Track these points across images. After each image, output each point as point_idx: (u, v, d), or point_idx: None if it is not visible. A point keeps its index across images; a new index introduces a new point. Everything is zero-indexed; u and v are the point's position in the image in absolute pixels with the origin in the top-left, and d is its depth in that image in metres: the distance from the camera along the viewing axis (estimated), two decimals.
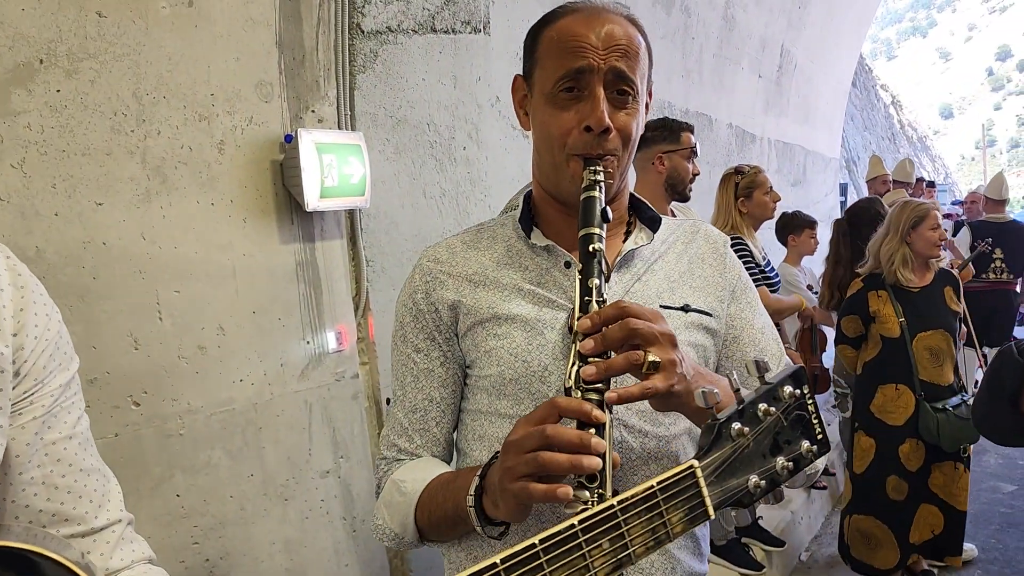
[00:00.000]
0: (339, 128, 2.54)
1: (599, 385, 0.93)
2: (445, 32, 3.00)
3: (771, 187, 3.82)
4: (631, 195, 1.34)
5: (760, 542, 3.94)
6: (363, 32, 2.66)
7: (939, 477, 3.57)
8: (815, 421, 0.89)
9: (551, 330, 1.18)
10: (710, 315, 1.26)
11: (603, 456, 0.85)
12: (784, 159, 7.78)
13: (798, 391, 0.87)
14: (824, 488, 5.06)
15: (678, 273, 1.28)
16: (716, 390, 0.83)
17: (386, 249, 2.80)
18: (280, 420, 2.35)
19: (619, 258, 1.24)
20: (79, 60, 1.83)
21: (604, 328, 0.95)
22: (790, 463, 0.85)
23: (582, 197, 1.12)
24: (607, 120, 1.12)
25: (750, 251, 3.70)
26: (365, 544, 2.63)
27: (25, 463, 0.83)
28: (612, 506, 0.72)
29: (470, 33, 3.12)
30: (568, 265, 1.22)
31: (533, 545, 0.66)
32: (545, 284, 1.22)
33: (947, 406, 3.48)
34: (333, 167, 2.36)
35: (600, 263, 1.05)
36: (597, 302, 1.01)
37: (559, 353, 1.17)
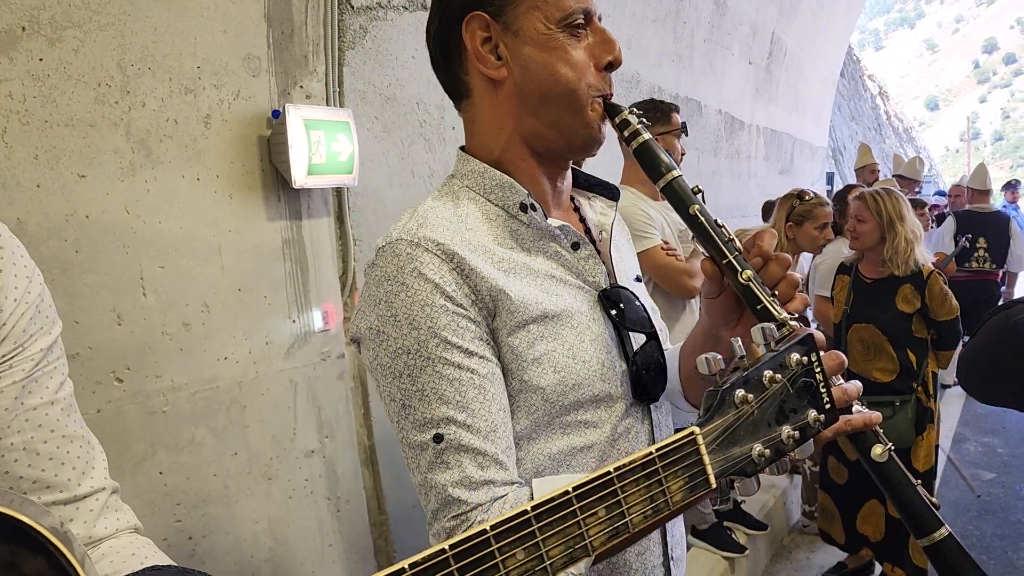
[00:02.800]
0: (327, 104, 2.51)
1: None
2: None
3: (827, 224, 3.77)
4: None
5: (743, 526, 3.96)
6: (353, 7, 2.62)
7: None
8: (823, 390, 0.86)
9: (595, 321, 1.08)
10: (643, 282, 1.30)
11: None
12: (772, 147, 7.78)
13: (805, 359, 0.85)
14: None
15: (616, 243, 1.25)
16: (719, 356, 0.82)
17: (374, 228, 2.78)
18: (265, 399, 2.33)
19: (609, 235, 1.20)
20: (63, 28, 1.79)
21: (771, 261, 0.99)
22: (796, 432, 0.83)
23: (636, 145, 1.04)
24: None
25: None
26: (349, 523, 2.62)
27: (4, 428, 0.81)
28: (608, 472, 0.70)
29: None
30: (576, 247, 1.11)
31: (525, 512, 0.64)
32: (562, 270, 1.09)
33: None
34: (321, 144, 2.33)
35: (703, 199, 1.03)
36: (731, 240, 0.99)
37: (610, 344, 1.08)
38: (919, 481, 1.00)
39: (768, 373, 0.81)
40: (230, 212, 2.22)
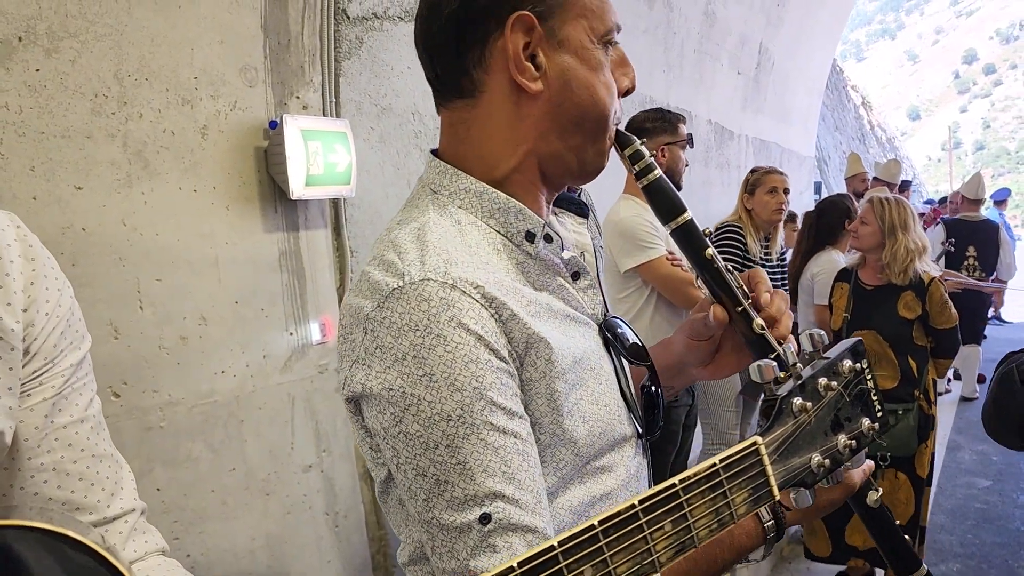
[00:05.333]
0: (324, 115, 2.49)
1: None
2: None
3: (778, 189, 3.81)
4: None
5: None
6: (349, 18, 2.61)
7: (884, 484, 3.46)
8: (875, 397, 0.85)
9: (604, 359, 0.99)
10: None
11: None
12: (761, 157, 7.81)
13: (858, 365, 0.83)
14: None
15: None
16: (774, 363, 0.80)
17: (370, 240, 2.75)
18: (262, 413, 2.30)
19: (595, 257, 1.14)
20: (59, 39, 1.77)
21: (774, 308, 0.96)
22: (852, 441, 0.81)
23: (647, 182, 0.97)
24: None
25: (741, 241, 3.72)
26: (348, 539, 2.59)
27: (34, 448, 0.78)
28: (674, 485, 0.67)
29: None
30: (576, 276, 1.00)
31: (592, 527, 0.62)
32: (564, 304, 0.97)
33: None
34: (318, 155, 2.31)
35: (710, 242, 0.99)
36: (741, 287, 0.97)
37: (615, 381, 1.00)
38: (900, 522, 1.03)
39: (823, 380, 0.80)
40: (227, 224, 2.19)
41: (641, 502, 0.65)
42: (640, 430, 1.03)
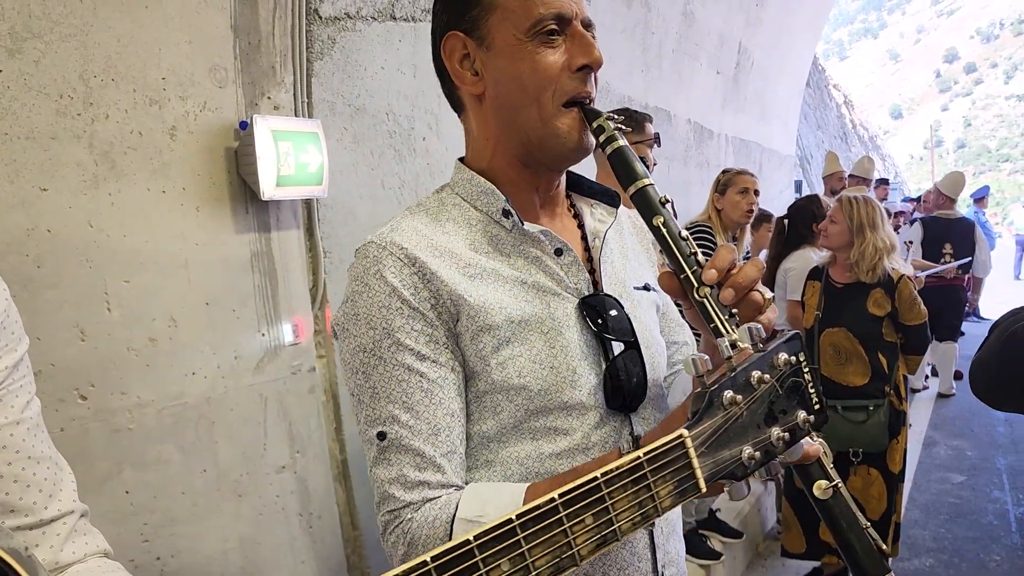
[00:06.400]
0: (296, 116, 2.48)
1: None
2: (405, 20, 2.95)
3: (749, 190, 3.82)
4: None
5: (718, 534, 3.97)
6: (321, 18, 2.60)
7: (856, 481, 3.49)
8: (812, 390, 0.85)
9: (568, 328, 1.07)
10: (656, 291, 1.27)
11: None
12: (741, 156, 7.85)
13: (793, 358, 0.83)
14: None
15: (621, 249, 1.25)
16: (707, 357, 0.80)
17: (343, 240, 2.75)
18: (234, 414, 2.29)
19: (601, 241, 1.18)
20: (23, 39, 1.76)
21: (730, 277, 0.94)
22: (786, 433, 0.81)
23: (611, 151, 1.03)
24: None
25: (712, 241, 3.74)
26: (322, 540, 2.58)
27: None
28: (596, 478, 0.68)
29: (430, 22, 3.07)
30: (560, 252, 1.11)
31: (509, 520, 0.62)
32: (542, 275, 1.10)
33: (838, 406, 3.41)
34: (290, 155, 2.30)
35: (673, 211, 1.02)
36: (693, 254, 0.98)
37: (586, 351, 1.08)
38: (868, 524, 0.99)
39: (756, 373, 0.80)
40: (197, 225, 2.19)
41: (561, 495, 0.66)
42: (605, 402, 1.09)
